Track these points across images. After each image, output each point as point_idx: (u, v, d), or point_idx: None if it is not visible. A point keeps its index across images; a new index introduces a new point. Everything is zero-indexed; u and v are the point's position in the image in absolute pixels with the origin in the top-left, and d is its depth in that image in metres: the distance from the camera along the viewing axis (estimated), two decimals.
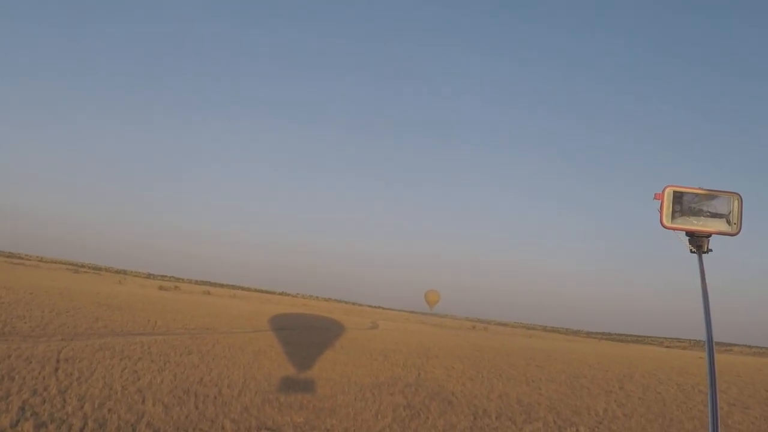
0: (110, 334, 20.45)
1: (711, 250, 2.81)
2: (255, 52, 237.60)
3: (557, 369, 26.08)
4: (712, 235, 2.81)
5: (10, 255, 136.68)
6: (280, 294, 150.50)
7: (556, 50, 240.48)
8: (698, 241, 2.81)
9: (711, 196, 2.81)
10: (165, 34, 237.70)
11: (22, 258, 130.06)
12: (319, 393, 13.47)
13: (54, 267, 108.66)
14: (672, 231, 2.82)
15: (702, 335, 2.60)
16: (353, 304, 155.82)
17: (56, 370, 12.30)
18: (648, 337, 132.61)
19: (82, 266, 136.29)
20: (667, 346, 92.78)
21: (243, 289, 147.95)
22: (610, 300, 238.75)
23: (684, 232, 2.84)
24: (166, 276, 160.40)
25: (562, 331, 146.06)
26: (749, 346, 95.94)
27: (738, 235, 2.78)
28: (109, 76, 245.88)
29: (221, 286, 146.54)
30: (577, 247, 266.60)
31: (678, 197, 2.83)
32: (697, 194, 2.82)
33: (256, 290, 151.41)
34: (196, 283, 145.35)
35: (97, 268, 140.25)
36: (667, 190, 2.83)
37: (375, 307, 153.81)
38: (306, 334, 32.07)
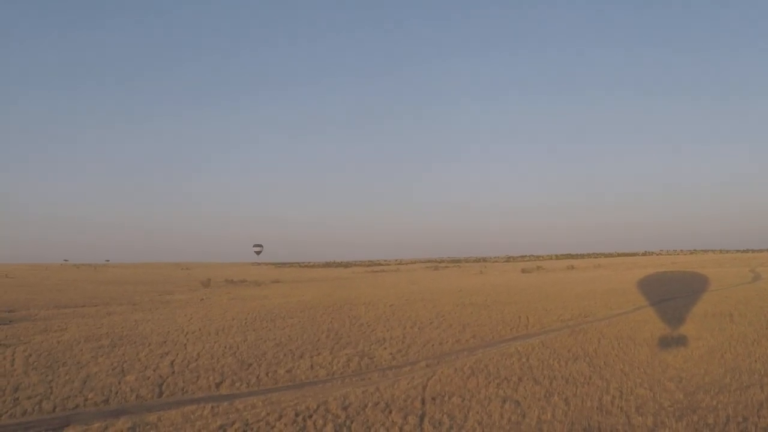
0: (480, 346, 18.58)
1: None
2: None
3: None
4: None
5: (371, 263, 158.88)
6: (643, 254, 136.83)
7: None
8: None
9: None
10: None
11: (382, 264, 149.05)
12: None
13: (413, 268, 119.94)
14: None
15: None
16: (720, 251, 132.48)
17: (422, 418, 9.97)
18: None
19: (441, 261, 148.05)
20: None
21: (605, 255, 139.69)
22: None
23: None
24: (525, 256, 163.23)
25: None
26: None
27: None
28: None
29: (582, 257, 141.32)
30: None
31: None
32: None
33: (617, 254, 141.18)
34: (557, 257, 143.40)
35: (456, 261, 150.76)
36: None
37: (744, 251, 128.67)
38: (692, 304, 27.96)
